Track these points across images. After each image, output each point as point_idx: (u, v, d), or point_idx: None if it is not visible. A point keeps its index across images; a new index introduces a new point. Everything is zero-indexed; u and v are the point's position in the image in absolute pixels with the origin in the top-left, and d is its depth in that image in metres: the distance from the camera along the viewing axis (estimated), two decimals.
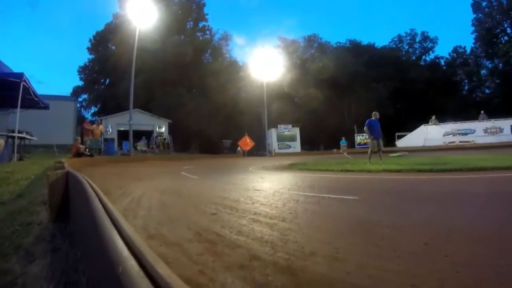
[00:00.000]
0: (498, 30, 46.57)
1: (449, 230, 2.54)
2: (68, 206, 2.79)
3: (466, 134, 26.44)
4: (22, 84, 10.78)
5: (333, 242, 2.30)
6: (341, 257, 1.96)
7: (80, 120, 32.34)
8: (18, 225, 2.71)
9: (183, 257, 2.03)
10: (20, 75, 10.77)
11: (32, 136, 13.90)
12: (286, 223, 2.98)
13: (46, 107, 14.56)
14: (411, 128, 30.79)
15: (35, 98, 12.76)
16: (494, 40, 46.35)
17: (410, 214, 3.34)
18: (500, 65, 46.01)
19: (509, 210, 3.39)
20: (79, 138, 16.43)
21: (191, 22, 51.37)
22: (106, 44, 48.97)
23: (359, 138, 34.75)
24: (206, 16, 51.82)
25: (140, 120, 32.72)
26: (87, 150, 15.78)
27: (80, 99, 50.04)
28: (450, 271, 1.71)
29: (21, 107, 11.41)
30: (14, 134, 11.55)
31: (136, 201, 4.35)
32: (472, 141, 25.53)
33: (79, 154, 14.78)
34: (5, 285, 1.61)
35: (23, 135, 12.75)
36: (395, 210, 3.56)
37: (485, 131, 25.81)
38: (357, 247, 2.19)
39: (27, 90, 11.55)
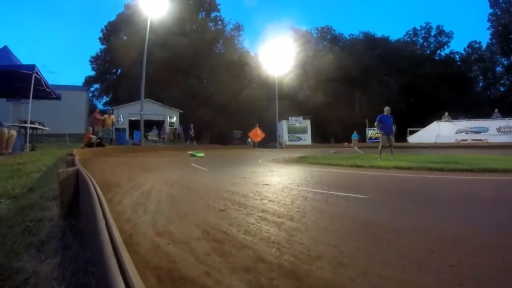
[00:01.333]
0: None
1: (456, 237, 2.51)
2: (78, 202, 2.84)
3: (479, 132, 26.02)
4: (34, 75, 10.90)
5: (339, 245, 2.31)
6: (346, 262, 1.97)
7: (92, 110, 32.62)
8: (30, 221, 2.76)
9: (190, 257, 2.06)
10: (32, 67, 10.88)
11: (44, 126, 14.07)
12: (293, 222, 3.00)
13: (58, 97, 14.69)
14: (423, 124, 30.44)
15: (47, 89, 12.87)
16: (511, 36, 45.26)
17: (418, 217, 3.32)
18: None
19: None
20: (91, 129, 16.62)
21: (203, 13, 51.42)
22: (118, 34, 49.25)
23: (370, 132, 34.55)
24: (218, 7, 51.79)
25: (151, 110, 33.05)
26: (99, 140, 15.97)
27: (92, 89, 50.52)
28: (454, 282, 1.70)
29: (33, 98, 11.55)
30: (26, 125, 11.71)
31: (146, 195, 4.39)
32: (484, 139, 25.14)
33: (90, 144, 14.97)
34: (17, 285, 1.65)
35: (35, 125, 12.92)
36: (403, 212, 3.54)
37: (499, 130, 25.38)
38: (362, 252, 2.19)
39: (39, 81, 11.68)
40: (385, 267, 1.90)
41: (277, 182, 6.03)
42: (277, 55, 34.13)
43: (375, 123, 11.81)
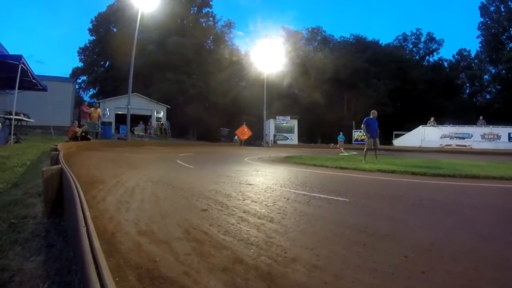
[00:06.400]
0: (504, 37, 46.27)
1: (431, 243, 2.59)
2: (62, 201, 2.85)
3: (463, 138, 26.54)
4: (20, 66, 10.74)
5: (316, 248, 2.38)
6: (321, 265, 2.04)
7: (78, 102, 32.10)
8: (14, 218, 2.78)
9: (170, 257, 2.11)
10: (19, 57, 10.72)
11: (29, 118, 13.91)
12: (273, 224, 3.06)
13: (44, 89, 14.49)
14: (409, 128, 30.81)
15: (33, 80, 12.69)
16: (500, 46, 45.94)
17: (396, 222, 3.39)
18: (503, 71, 45.84)
19: (494, 225, 3.44)
20: (77, 122, 16.41)
21: (195, 8, 50.87)
22: (108, 26, 48.52)
23: (356, 134, 34.82)
24: (210, 3, 51.36)
25: (138, 104, 32.71)
26: (83, 133, 15.78)
27: (79, 81, 49.60)
28: None
29: (19, 89, 11.37)
30: (11, 116, 11.54)
31: (130, 192, 4.40)
32: (469, 145, 25.64)
33: (75, 138, 14.79)
34: (3, 283, 1.67)
35: (20, 117, 12.74)
36: (382, 216, 3.61)
37: (483, 136, 25.96)
38: (338, 255, 2.25)
39: (26, 72, 11.51)
40: (359, 272, 1.97)
41: (261, 182, 6.09)
42: (267, 54, 34.03)
43: (362, 126, 11.93)
